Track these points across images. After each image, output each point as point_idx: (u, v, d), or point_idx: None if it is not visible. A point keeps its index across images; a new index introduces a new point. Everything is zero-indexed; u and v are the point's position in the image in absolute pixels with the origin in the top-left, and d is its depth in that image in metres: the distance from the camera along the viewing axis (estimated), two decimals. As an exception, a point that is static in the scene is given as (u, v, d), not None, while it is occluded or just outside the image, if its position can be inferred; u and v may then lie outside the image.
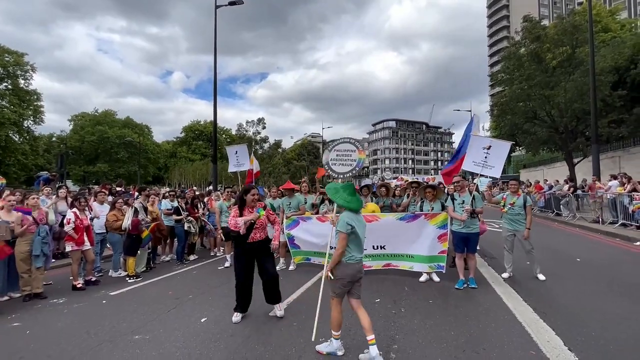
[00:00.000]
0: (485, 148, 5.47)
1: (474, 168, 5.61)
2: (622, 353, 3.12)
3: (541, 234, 11.11)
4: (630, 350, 3.17)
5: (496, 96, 19.94)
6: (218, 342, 3.47)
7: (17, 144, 39.44)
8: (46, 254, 5.19)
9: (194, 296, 5.08)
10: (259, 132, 42.73)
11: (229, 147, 8.10)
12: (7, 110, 36.96)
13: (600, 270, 6.10)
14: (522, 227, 5.62)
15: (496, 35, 79.72)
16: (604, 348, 3.20)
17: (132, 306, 4.68)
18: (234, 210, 4.12)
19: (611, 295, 4.76)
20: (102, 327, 3.92)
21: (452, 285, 5.20)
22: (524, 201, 5.62)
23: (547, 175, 27.17)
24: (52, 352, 3.34)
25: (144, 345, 3.42)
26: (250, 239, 4.04)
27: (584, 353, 3.11)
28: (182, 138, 67.48)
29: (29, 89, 40.14)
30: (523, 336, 3.50)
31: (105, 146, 52.48)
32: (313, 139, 76.77)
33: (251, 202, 4.10)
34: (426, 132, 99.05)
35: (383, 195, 7.31)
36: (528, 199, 5.68)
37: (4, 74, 38.20)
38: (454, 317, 4.03)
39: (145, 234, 6.46)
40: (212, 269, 6.98)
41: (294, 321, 3.98)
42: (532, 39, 17.13)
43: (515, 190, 5.80)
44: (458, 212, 5.24)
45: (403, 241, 5.67)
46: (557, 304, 4.43)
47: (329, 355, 3.11)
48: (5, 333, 3.86)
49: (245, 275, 4.10)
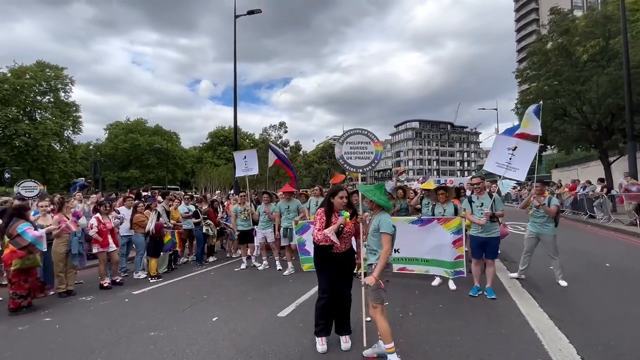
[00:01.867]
0: (511, 149, 5.14)
1: (497, 170, 5.37)
2: (640, 364, 2.95)
3: (571, 237, 10.55)
4: (650, 362, 2.99)
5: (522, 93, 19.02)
6: (226, 340, 3.61)
7: (59, 152, 42.45)
8: (81, 253, 5.62)
9: (209, 296, 5.29)
10: (281, 136, 43.34)
11: (237, 152, 8.26)
12: (50, 122, 39.93)
13: (629, 277, 5.73)
14: (546, 230, 5.41)
15: (524, 29, 76.43)
16: (620, 358, 3.04)
17: (151, 305, 4.96)
18: (319, 219, 3.38)
19: (636, 303, 4.47)
20: (123, 324, 4.19)
21: (466, 291, 5.05)
22: (549, 202, 5.39)
23: (581, 175, 25.63)
24: (77, 345, 3.62)
25: (158, 342, 3.63)
26: (335, 249, 3.34)
27: (597, 362, 2.97)
28: (208, 144, 69.67)
29: (69, 101, 43.18)
30: (534, 343, 3.38)
31: (136, 153, 55.23)
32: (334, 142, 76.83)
33: (340, 207, 3.36)
34: (451, 132, 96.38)
35: (400, 198, 7.26)
36: (553, 199, 5.46)
37: (47, 88, 41.35)
38: (463, 322, 3.95)
39: (167, 239, 6.80)
40: (229, 270, 7.21)
41: (300, 322, 4.05)
42: (560, 33, 16.30)
43: (541, 192, 5.54)
44: (476, 216, 4.97)
45: (417, 245, 5.60)
46: (575, 311, 4.23)
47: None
48: (39, 327, 4.21)
49: (332, 291, 3.38)
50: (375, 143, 4.54)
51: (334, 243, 3.23)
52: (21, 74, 38.99)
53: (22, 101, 38.67)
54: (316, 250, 3.44)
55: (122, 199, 7.88)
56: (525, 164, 5.04)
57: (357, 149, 4.49)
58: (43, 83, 40.68)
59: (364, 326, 3.37)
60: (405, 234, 5.62)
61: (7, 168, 23.81)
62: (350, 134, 4.58)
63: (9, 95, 36.91)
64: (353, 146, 4.50)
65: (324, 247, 3.32)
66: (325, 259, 3.37)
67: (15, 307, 4.66)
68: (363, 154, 4.49)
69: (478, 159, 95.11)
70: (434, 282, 5.51)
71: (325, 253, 3.35)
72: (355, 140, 4.52)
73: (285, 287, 5.65)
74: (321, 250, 3.37)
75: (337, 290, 3.38)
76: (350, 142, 4.52)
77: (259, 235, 7.31)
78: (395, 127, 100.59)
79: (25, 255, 4.64)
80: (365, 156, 4.49)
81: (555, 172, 32.52)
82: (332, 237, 3.18)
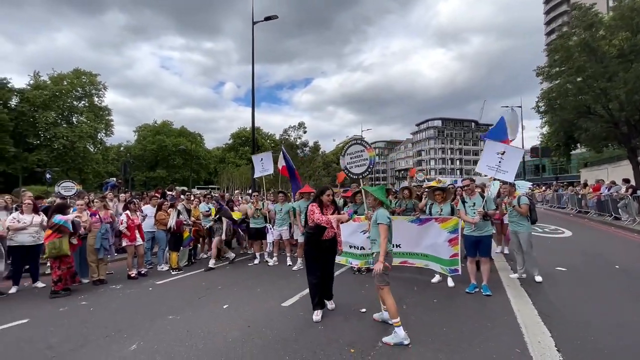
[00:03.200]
0: (500, 153, 5.53)
1: (488, 171, 5.68)
2: (611, 358, 3.10)
3: (588, 239, 10.34)
4: (622, 357, 3.14)
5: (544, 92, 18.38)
6: (234, 324, 4.06)
7: (93, 154, 45.25)
8: (105, 247, 6.28)
9: (223, 287, 5.79)
10: (300, 136, 43.92)
11: (255, 155, 8.77)
12: (85, 125, 42.69)
13: (636, 279, 5.70)
14: (521, 228, 5.71)
15: (554, 22, 72.83)
16: (596, 352, 3.21)
17: (171, 293, 5.52)
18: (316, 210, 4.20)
19: (633, 303, 4.52)
20: (146, 309, 4.75)
21: (464, 288, 5.25)
22: (519, 202, 5.69)
23: (611, 175, 24.45)
24: (108, 324, 4.19)
25: (175, 323, 4.14)
26: (324, 237, 4.21)
27: (571, 355, 3.16)
28: (230, 144, 71.63)
29: (102, 105, 45.95)
30: (516, 336, 3.59)
31: (163, 154, 57.80)
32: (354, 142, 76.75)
33: (327, 203, 4.32)
34: (475, 131, 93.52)
35: (406, 198, 7.49)
36: (522, 199, 5.72)
37: (82, 94, 44.21)
38: (453, 316, 4.20)
39: (186, 235, 7.41)
40: (243, 265, 7.72)
41: (301, 311, 4.44)
42: (584, 28, 15.72)
43: (510, 193, 5.89)
44: (470, 216, 5.28)
45: (416, 242, 5.87)
46: (567, 309, 4.36)
47: (396, 345, 3.39)
48: (75, 309, 4.85)
49: (321, 272, 4.26)
50: (368, 150, 5.13)
51: (331, 227, 4.14)
52: (59, 80, 41.96)
53: (60, 106, 41.61)
54: (307, 239, 4.31)
55: (147, 198, 8.58)
56: (513, 167, 5.40)
57: (355, 158, 5.18)
58: (79, 89, 43.58)
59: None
60: (405, 231, 5.92)
61: (48, 169, 25.81)
62: (349, 145, 5.28)
63: (49, 100, 39.78)
64: (352, 156, 5.20)
65: (315, 235, 4.20)
66: (317, 246, 4.25)
67: (57, 290, 5.38)
68: (360, 161, 5.15)
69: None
70: (434, 279, 5.74)
71: (317, 240, 4.21)
72: (353, 151, 5.21)
73: (292, 280, 6.06)
74: (313, 238, 4.24)
75: (324, 270, 4.29)
76: (350, 152, 5.22)
77: (275, 233, 7.75)
78: (416, 125, 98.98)
79: (57, 236, 5.40)
80: (362, 163, 5.14)
81: (584, 172, 31.09)
82: (334, 222, 4.14)
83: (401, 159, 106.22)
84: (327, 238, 4.24)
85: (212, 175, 65.43)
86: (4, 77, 37.70)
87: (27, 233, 5.89)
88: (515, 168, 5.41)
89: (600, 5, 23.62)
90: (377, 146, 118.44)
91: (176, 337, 3.72)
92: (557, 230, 12.02)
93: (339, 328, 3.88)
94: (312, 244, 4.28)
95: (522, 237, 5.71)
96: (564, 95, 16.68)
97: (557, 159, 29.35)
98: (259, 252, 7.96)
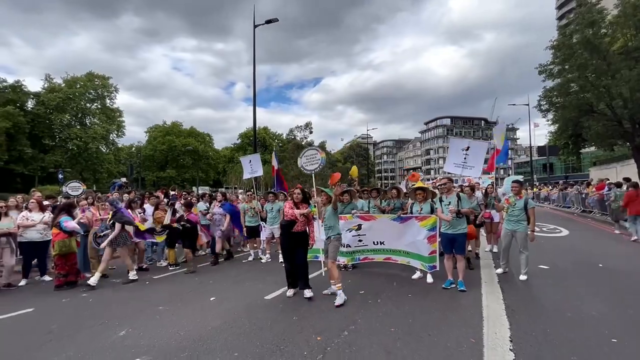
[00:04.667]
0: (464, 149, 5.70)
1: (455, 169, 5.89)
2: (558, 349, 3.29)
3: (584, 238, 10.36)
4: (568, 347, 3.33)
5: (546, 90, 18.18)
6: (216, 314, 4.39)
7: (105, 154, 46.56)
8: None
9: (214, 282, 6.15)
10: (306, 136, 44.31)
11: (244, 157, 9.08)
12: (98, 127, 43.98)
13: (616, 278, 5.82)
14: (520, 228, 5.75)
15: (567, 16, 71.29)
16: (546, 344, 3.39)
17: (165, 286, 5.91)
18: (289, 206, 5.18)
19: (605, 300, 4.67)
20: (140, 300, 5.14)
21: (441, 284, 5.46)
22: (525, 203, 5.69)
23: (620, 173, 23.97)
24: (103, 313, 4.58)
25: (163, 314, 4.50)
26: (294, 229, 5.05)
27: (521, 345, 3.36)
28: (239, 144, 72.44)
29: (113, 107, 47.22)
30: (476, 328, 3.81)
31: (173, 154, 58.88)
32: (362, 141, 76.79)
33: (297, 200, 5.17)
34: (485, 129, 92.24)
35: (394, 198, 7.72)
36: (530, 202, 5.74)
37: (95, 96, 45.53)
38: (422, 309, 4.43)
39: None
40: (238, 262, 8.08)
41: (280, 304, 4.76)
42: (585, 25, 15.56)
43: (518, 192, 5.88)
44: (445, 214, 5.39)
45: (398, 239, 6.12)
46: (535, 304, 4.55)
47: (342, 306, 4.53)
48: (77, 300, 5.27)
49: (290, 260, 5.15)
50: (321, 152, 6.81)
51: (298, 219, 5.00)
52: (73, 83, 43.32)
53: (74, 108, 42.96)
54: (281, 231, 5.22)
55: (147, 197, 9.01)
56: (479, 162, 5.62)
57: (310, 158, 6.81)
58: (92, 91, 44.90)
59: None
60: (388, 229, 6.18)
61: (60, 169, 26.85)
62: (306, 150, 7.01)
63: (63, 103, 41.14)
64: (307, 158, 6.83)
65: (287, 228, 5.05)
66: (288, 237, 5.09)
67: (59, 284, 5.81)
68: (314, 161, 6.75)
69: (515, 156, 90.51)
70: (415, 275, 5.97)
71: (289, 232, 5.05)
72: (309, 154, 6.88)
73: (279, 276, 6.25)
74: (285, 230, 5.11)
75: (293, 259, 5.07)
76: (307, 155, 6.87)
77: (267, 231, 8.08)
78: (425, 124, 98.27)
79: (67, 237, 5.85)
80: (315, 162, 6.73)
81: (594, 171, 30.52)
82: (299, 216, 5.00)
83: (409, 157, 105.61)
84: (297, 231, 5.05)
85: (221, 175, 66.34)
86: (17, 80, 39.22)
87: (35, 230, 6.37)
88: (480, 162, 5.59)
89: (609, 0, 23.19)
90: (385, 145, 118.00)
91: (161, 325, 4.07)
92: (555, 230, 12.03)
93: (312, 319, 4.16)
94: (285, 235, 5.15)
95: (519, 237, 5.72)
96: (566, 94, 16.52)
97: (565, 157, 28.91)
98: (254, 250, 8.30)
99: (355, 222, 6.40)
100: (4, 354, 3.47)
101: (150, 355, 3.30)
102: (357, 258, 6.61)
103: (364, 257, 6.55)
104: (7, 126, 34.73)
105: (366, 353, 3.25)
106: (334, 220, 5.04)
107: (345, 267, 6.71)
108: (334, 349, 3.35)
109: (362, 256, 6.55)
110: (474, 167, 5.59)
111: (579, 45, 15.72)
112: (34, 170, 38.59)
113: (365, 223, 6.35)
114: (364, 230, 6.38)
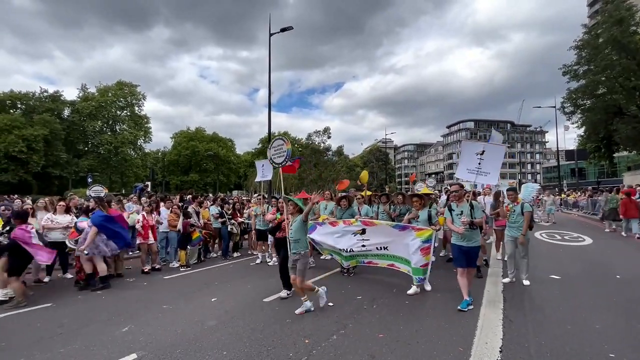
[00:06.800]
0: (479, 153, 5.18)
1: (468, 176, 5.49)
2: None
3: (607, 248, 9.80)
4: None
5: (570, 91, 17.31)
6: (214, 314, 4.57)
7: (133, 159, 48.90)
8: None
9: (219, 283, 6.37)
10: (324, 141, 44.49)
11: (258, 161, 9.31)
12: (127, 133, 46.33)
13: (633, 289, 5.50)
14: (519, 234, 5.75)
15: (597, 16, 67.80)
16: (538, 355, 3.30)
17: (173, 287, 6.18)
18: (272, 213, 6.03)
19: (614, 313, 4.46)
20: (148, 299, 5.41)
21: (439, 291, 5.43)
22: (522, 208, 5.65)
23: (657, 179, 22.46)
24: (111, 309, 4.88)
25: (166, 312, 4.74)
26: (277, 235, 5.70)
27: (510, 357, 3.29)
28: (259, 149, 73.77)
29: (141, 114, 49.60)
30: (466, 336, 3.75)
31: (196, 159, 60.87)
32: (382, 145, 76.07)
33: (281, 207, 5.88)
34: (511, 132, 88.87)
35: (399, 203, 7.69)
36: (526, 206, 5.63)
37: (124, 104, 48.03)
38: (415, 317, 4.40)
39: (195, 236, 8.10)
40: (246, 264, 8.29)
41: (277, 307, 4.87)
42: (613, 22, 14.77)
43: (514, 199, 5.90)
44: (457, 224, 4.80)
45: (398, 246, 6.08)
46: (535, 315, 4.40)
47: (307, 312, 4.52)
48: (90, 296, 5.63)
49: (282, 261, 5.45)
50: (287, 143, 6.63)
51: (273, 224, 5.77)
52: (105, 92, 45.98)
53: (105, 116, 45.53)
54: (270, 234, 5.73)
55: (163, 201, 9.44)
56: (495, 167, 5.05)
57: (277, 150, 6.67)
58: (121, 99, 47.43)
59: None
60: (389, 235, 6.17)
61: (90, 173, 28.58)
62: (274, 140, 6.82)
63: (95, 110, 43.72)
64: (275, 149, 6.70)
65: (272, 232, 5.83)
66: (275, 240, 5.78)
67: (80, 279, 6.25)
68: (281, 152, 6.61)
69: (544, 161, 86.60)
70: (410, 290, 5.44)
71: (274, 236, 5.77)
72: (276, 145, 6.74)
73: (282, 279, 6.50)
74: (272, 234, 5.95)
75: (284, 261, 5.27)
76: (274, 146, 6.72)
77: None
78: (447, 127, 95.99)
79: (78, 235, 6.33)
80: (282, 154, 6.58)
81: (628, 176, 28.63)
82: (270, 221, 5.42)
83: (431, 162, 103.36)
84: (279, 237, 5.52)
85: (242, 179, 67.78)
86: (56, 90, 42.15)
87: (59, 230, 6.86)
88: (497, 168, 5.04)
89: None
90: (406, 149, 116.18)
91: (162, 323, 4.29)
92: (578, 238, 11.46)
93: (304, 322, 4.25)
94: (274, 239, 5.86)
95: (519, 243, 5.76)
96: (592, 95, 15.69)
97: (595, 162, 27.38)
98: (262, 253, 8.49)
99: (359, 227, 6.43)
100: (19, 343, 3.79)
101: (145, 351, 3.50)
102: (362, 261, 6.64)
103: (368, 260, 6.56)
104: (45, 133, 37.36)
105: (349, 357, 3.30)
106: (302, 233, 4.68)
107: (348, 272, 6.75)
108: (319, 352, 3.42)
109: (367, 260, 6.56)
110: (490, 173, 5.01)
111: (605, 45, 14.94)
112: (68, 174, 41.17)
113: (368, 228, 6.36)
114: (367, 235, 6.39)
